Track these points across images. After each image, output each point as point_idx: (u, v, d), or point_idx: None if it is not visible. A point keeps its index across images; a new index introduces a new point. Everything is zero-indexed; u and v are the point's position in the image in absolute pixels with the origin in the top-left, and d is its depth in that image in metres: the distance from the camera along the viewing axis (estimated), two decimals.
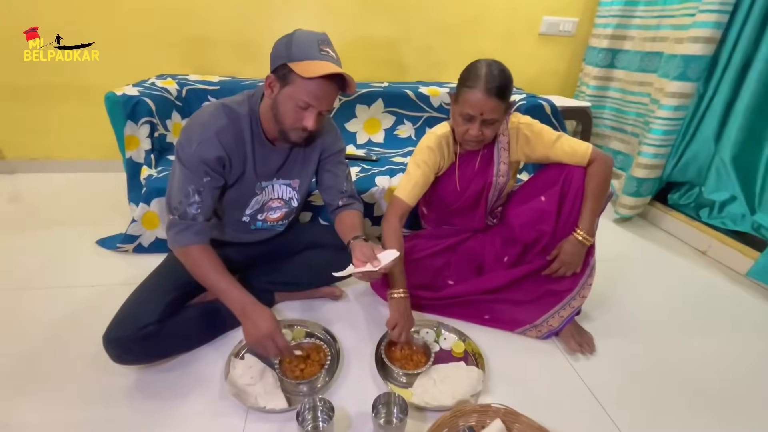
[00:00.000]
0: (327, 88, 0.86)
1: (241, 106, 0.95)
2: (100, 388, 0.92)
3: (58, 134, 2.07)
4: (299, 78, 0.84)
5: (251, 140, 0.96)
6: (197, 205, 0.91)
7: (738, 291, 1.44)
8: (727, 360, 1.11)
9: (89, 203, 1.82)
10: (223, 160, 0.92)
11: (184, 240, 0.91)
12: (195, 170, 0.89)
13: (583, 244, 1.04)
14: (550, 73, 2.34)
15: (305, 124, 0.88)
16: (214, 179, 0.92)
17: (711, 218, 1.71)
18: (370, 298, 1.28)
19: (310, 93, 0.85)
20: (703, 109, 1.70)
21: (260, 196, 1.04)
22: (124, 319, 0.90)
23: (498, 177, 1.14)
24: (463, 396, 0.91)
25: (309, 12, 1.99)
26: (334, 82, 0.87)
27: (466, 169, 1.16)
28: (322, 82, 0.84)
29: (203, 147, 0.89)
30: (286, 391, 0.93)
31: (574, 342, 1.10)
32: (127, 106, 1.47)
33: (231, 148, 0.93)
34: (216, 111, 0.92)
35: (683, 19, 1.65)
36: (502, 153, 1.12)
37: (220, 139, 0.90)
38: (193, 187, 0.90)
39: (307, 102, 0.86)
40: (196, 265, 0.92)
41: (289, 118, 0.89)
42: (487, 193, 1.16)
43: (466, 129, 1.02)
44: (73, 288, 1.25)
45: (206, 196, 0.92)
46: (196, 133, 0.90)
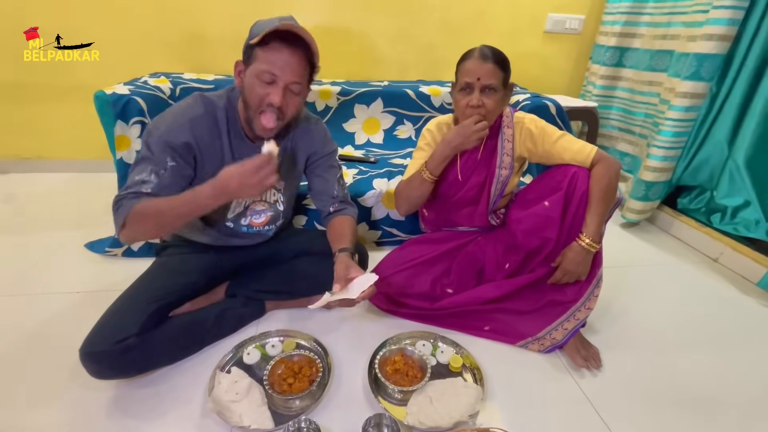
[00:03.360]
0: (287, 53, 0.82)
1: (220, 98, 0.91)
2: (77, 403, 0.87)
3: (51, 134, 2.03)
4: (257, 50, 0.81)
5: (227, 133, 0.91)
6: (151, 186, 0.82)
7: (750, 302, 1.37)
8: (741, 377, 1.05)
9: (80, 204, 1.78)
10: (192, 149, 0.87)
11: (128, 205, 0.79)
12: (159, 153, 0.84)
13: (587, 251, 0.98)
14: (556, 71, 2.27)
15: (271, 98, 0.83)
16: (179, 165, 0.86)
17: (723, 224, 1.64)
18: (364, 307, 1.23)
19: (269, 60, 0.81)
20: (716, 110, 1.63)
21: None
22: (102, 332, 0.85)
23: (501, 169, 1.10)
24: (461, 416, 0.85)
25: (308, 8, 1.94)
26: (297, 48, 0.82)
27: (469, 159, 1.13)
28: (279, 45, 0.81)
29: (172, 131, 0.84)
30: (275, 407, 0.88)
31: (579, 357, 1.05)
32: (117, 106, 1.42)
33: (204, 140, 0.88)
34: (193, 101, 0.89)
35: (696, 15, 1.58)
36: (506, 144, 1.09)
37: (192, 127, 0.86)
38: (152, 168, 0.83)
39: (268, 71, 0.81)
40: (148, 215, 0.79)
41: (255, 98, 0.84)
42: (489, 185, 1.12)
43: (467, 101, 1.01)
44: (58, 294, 1.20)
45: (166, 179, 0.84)
46: (168, 118, 0.86)
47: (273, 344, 1.03)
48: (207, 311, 1.03)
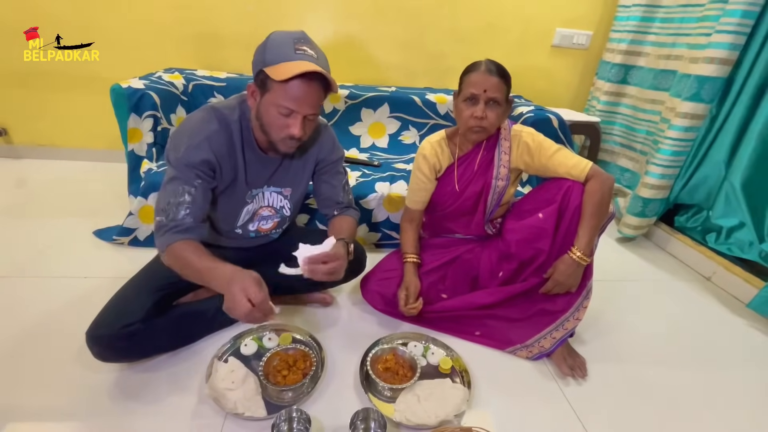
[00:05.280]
0: (306, 90, 0.81)
1: (233, 111, 0.93)
2: (80, 385, 0.91)
3: (66, 122, 2.09)
4: (275, 83, 0.80)
5: (241, 147, 0.94)
6: (187, 206, 0.87)
7: (739, 322, 1.39)
8: (724, 395, 1.08)
9: (91, 193, 1.83)
10: (213, 165, 0.90)
11: (170, 239, 0.86)
12: (185, 173, 0.87)
13: (578, 263, 1.01)
14: (561, 85, 2.31)
15: (291, 131, 0.85)
16: (205, 181, 0.90)
17: (718, 244, 1.66)
18: (360, 306, 1.26)
19: (289, 96, 0.81)
20: (715, 132, 1.66)
21: (251, 205, 1.02)
22: (108, 317, 0.89)
23: (498, 180, 1.13)
24: (447, 416, 0.89)
25: (320, 13, 1.98)
26: (314, 82, 0.82)
27: (466, 170, 1.16)
28: (299, 83, 0.80)
29: (191, 151, 0.87)
30: (269, 398, 0.92)
31: (565, 366, 1.08)
32: (132, 99, 1.48)
33: (222, 153, 0.91)
34: (207, 116, 0.91)
35: (699, 38, 1.61)
36: (503, 156, 1.12)
37: (210, 144, 0.88)
38: (185, 188, 0.87)
39: (287, 107, 0.82)
40: (180, 259, 0.84)
41: (275, 128, 0.86)
42: (486, 196, 1.15)
43: (471, 112, 1.03)
44: (66, 279, 1.25)
45: (198, 197, 0.89)
46: (185, 137, 0.88)
47: (270, 337, 1.07)
48: (209, 302, 1.07)
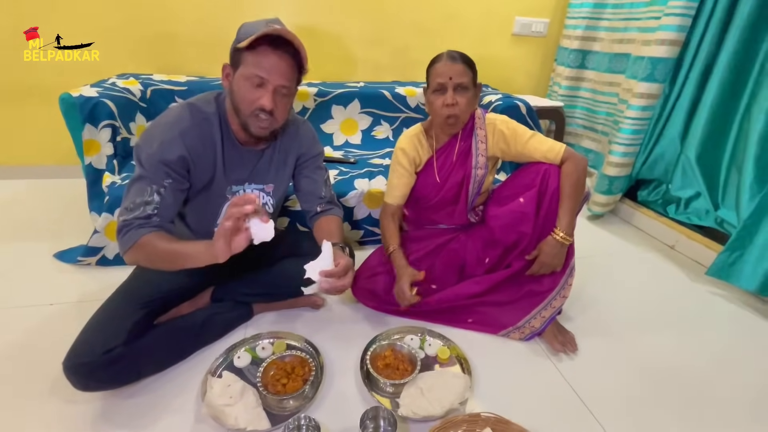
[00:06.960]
0: (276, 59, 0.82)
1: (209, 105, 0.90)
2: (61, 418, 0.84)
3: (13, 138, 1.91)
4: (245, 53, 0.81)
5: (221, 141, 0.91)
6: (155, 206, 0.83)
7: (700, 288, 1.48)
8: (693, 354, 1.15)
9: (45, 212, 1.69)
10: (186, 162, 0.86)
11: (136, 235, 0.80)
12: (155, 171, 0.83)
13: (561, 244, 1.05)
14: (523, 72, 2.38)
15: (261, 102, 0.83)
16: (176, 181, 0.85)
17: (678, 214, 1.78)
18: (351, 305, 1.25)
19: (258, 65, 0.81)
20: (669, 110, 1.76)
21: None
22: (87, 343, 0.83)
23: (477, 169, 1.15)
24: (452, 404, 0.89)
25: (282, 8, 1.92)
26: (285, 53, 0.83)
27: (445, 161, 1.18)
28: (267, 50, 0.81)
29: (164, 147, 0.83)
30: (269, 408, 0.89)
31: (557, 342, 1.12)
32: (85, 109, 1.37)
33: (197, 150, 0.87)
34: (182, 111, 0.87)
35: (649, 21, 1.70)
36: (480, 145, 1.14)
37: (184, 140, 0.85)
38: (153, 187, 0.83)
39: (258, 74, 0.82)
40: (148, 247, 0.80)
41: (246, 102, 0.84)
42: (467, 185, 1.17)
43: (442, 101, 1.04)
44: (29, 307, 1.15)
45: (167, 197, 0.84)
46: (158, 133, 0.84)
47: (263, 346, 1.03)
48: (194, 317, 1.02)
